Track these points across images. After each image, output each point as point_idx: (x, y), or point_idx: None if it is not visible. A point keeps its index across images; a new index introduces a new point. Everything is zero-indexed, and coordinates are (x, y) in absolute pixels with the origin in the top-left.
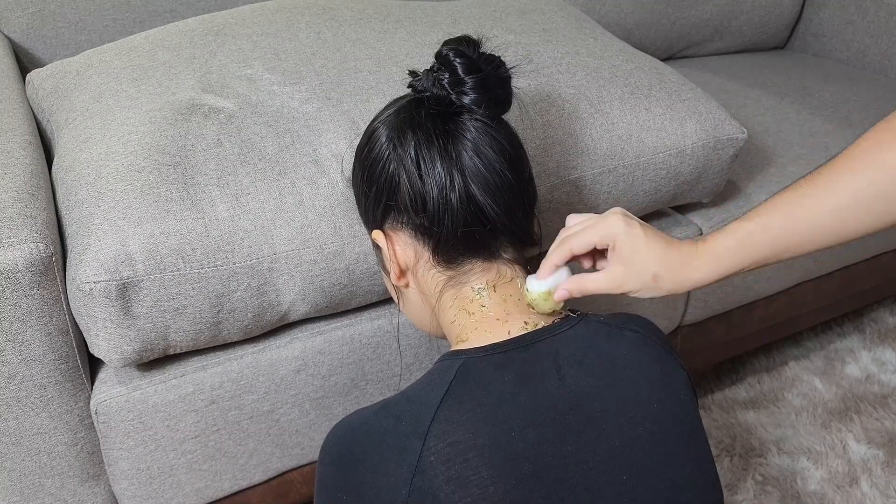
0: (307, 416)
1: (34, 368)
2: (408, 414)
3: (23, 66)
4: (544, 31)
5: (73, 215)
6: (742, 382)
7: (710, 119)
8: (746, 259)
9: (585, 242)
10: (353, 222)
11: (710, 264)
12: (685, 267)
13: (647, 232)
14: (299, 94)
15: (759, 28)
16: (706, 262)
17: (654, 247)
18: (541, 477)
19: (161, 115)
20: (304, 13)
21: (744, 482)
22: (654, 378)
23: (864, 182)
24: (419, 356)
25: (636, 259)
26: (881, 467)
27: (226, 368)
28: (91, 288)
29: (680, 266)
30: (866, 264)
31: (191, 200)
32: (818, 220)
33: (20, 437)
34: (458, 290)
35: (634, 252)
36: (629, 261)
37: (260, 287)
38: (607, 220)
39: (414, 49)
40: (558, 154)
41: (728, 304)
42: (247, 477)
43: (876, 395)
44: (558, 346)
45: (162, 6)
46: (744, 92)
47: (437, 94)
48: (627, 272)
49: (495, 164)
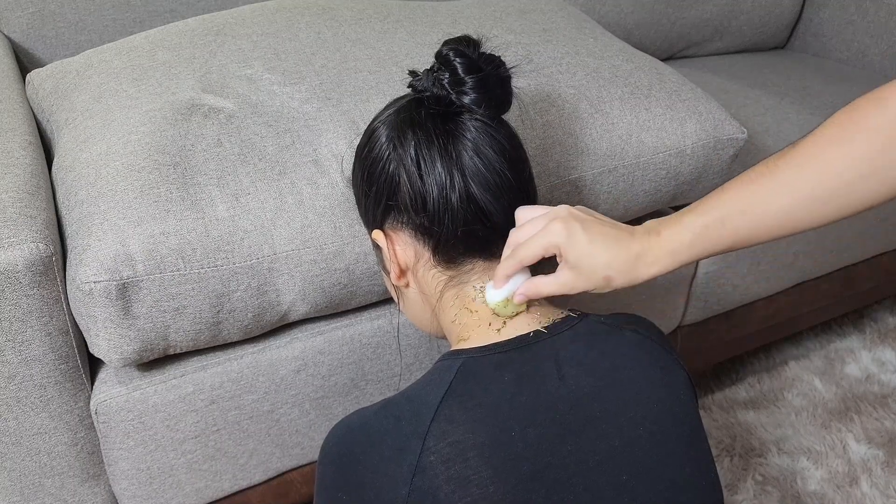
0: (307, 416)
1: (34, 368)
2: (408, 413)
3: (23, 66)
4: (544, 31)
5: (73, 215)
6: (742, 382)
7: (710, 119)
8: (701, 252)
9: (532, 255)
10: (353, 222)
11: (665, 259)
12: (637, 264)
13: (591, 235)
14: (299, 94)
15: (759, 28)
16: (660, 257)
17: (599, 251)
18: (541, 477)
19: (161, 115)
20: (304, 13)
21: (744, 482)
22: (654, 378)
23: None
24: (419, 356)
25: (583, 264)
26: (881, 467)
27: (226, 368)
28: (91, 288)
29: (632, 265)
30: (866, 264)
31: (191, 200)
32: (777, 215)
33: (20, 437)
34: (459, 289)
35: (580, 258)
36: (576, 266)
37: (260, 287)
38: (549, 229)
39: (414, 49)
40: (558, 154)
41: (728, 304)
42: (247, 477)
43: (876, 395)
44: (558, 346)
45: (162, 6)
46: (744, 92)
47: (437, 93)
48: (577, 277)
49: (495, 164)
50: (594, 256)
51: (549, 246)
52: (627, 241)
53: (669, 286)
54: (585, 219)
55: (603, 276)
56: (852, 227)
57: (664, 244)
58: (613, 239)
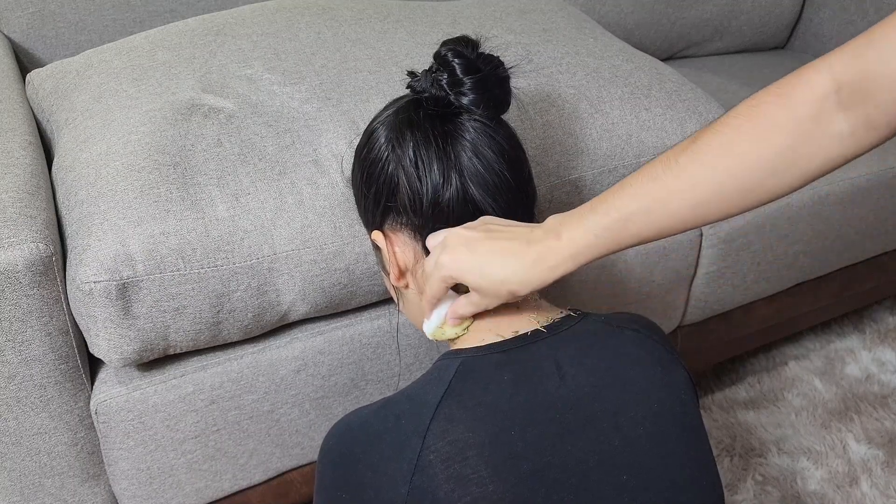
0: (307, 416)
1: (34, 368)
2: (407, 412)
3: (23, 66)
4: (544, 31)
5: (73, 215)
6: (742, 382)
7: (710, 119)
8: (603, 252)
9: (436, 292)
10: (353, 222)
11: (567, 262)
12: (536, 270)
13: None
14: (299, 94)
15: (759, 28)
16: (562, 260)
17: (495, 269)
18: (540, 476)
19: (161, 115)
20: (304, 13)
21: (744, 482)
22: (654, 378)
23: (724, 175)
24: (419, 356)
25: (481, 285)
26: (881, 467)
27: (226, 368)
28: (91, 288)
29: (531, 273)
30: (866, 264)
31: (191, 200)
32: (680, 213)
33: (20, 437)
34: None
35: (476, 282)
36: (478, 288)
37: (260, 287)
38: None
39: (414, 49)
40: (558, 154)
41: (728, 304)
42: (247, 477)
43: (876, 395)
44: (559, 346)
45: (162, 6)
46: (744, 92)
47: (435, 94)
48: (483, 296)
49: (494, 165)
50: (489, 276)
51: (444, 279)
52: (523, 251)
53: (669, 286)
54: (474, 239)
55: (507, 291)
56: (852, 227)
57: (564, 247)
58: (508, 253)
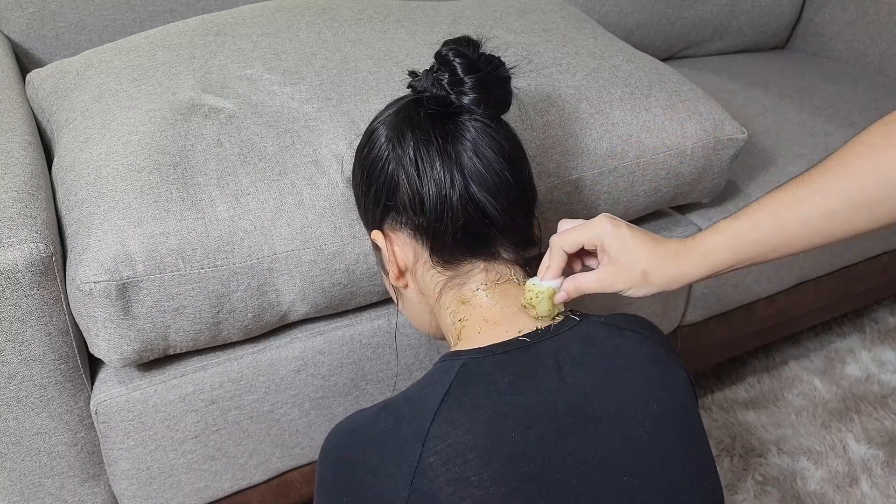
0: (307, 416)
1: (34, 368)
2: (408, 415)
3: (23, 66)
4: (544, 31)
5: (73, 215)
6: (742, 382)
7: (711, 119)
8: (735, 257)
9: (573, 242)
10: (353, 222)
11: (699, 261)
12: (674, 264)
13: (633, 232)
14: (299, 95)
15: (759, 28)
16: (695, 259)
17: (641, 245)
18: (541, 478)
19: (161, 115)
20: (304, 13)
21: (744, 482)
22: (654, 378)
23: (855, 188)
24: (419, 356)
25: (624, 258)
26: (881, 467)
27: (226, 368)
28: (91, 288)
29: (668, 263)
30: (866, 264)
31: (191, 201)
32: (808, 222)
33: (20, 437)
34: (457, 290)
35: (622, 251)
36: (618, 259)
37: (260, 287)
38: (595, 221)
39: (414, 49)
40: (558, 154)
41: (728, 304)
42: (247, 477)
43: (876, 395)
44: (559, 347)
45: (162, 6)
46: (744, 92)
47: (436, 94)
48: (617, 271)
49: (494, 165)
50: (634, 250)
51: (593, 237)
52: (665, 243)
53: None
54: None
55: (641, 271)
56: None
57: (699, 246)
58: (653, 239)
